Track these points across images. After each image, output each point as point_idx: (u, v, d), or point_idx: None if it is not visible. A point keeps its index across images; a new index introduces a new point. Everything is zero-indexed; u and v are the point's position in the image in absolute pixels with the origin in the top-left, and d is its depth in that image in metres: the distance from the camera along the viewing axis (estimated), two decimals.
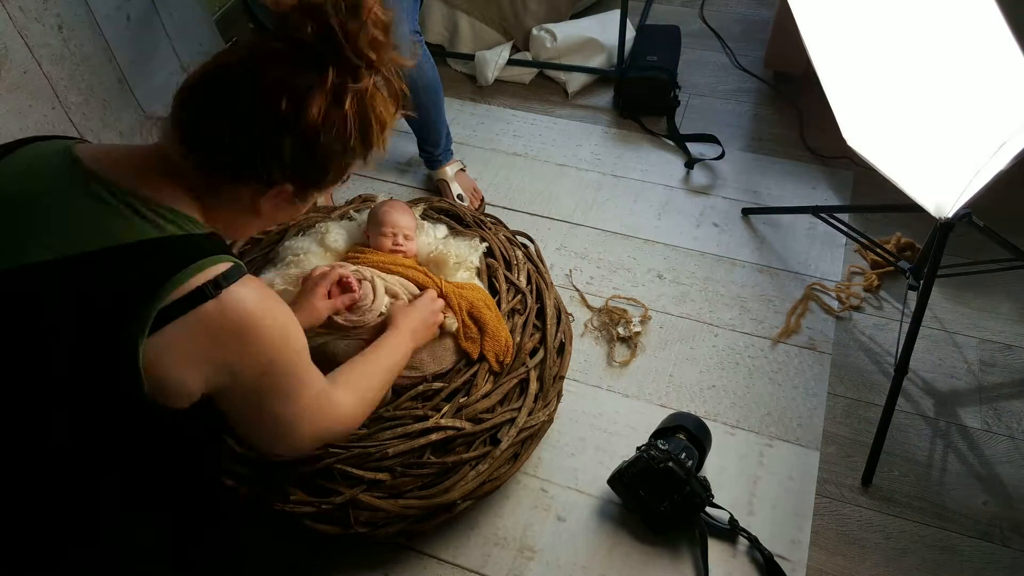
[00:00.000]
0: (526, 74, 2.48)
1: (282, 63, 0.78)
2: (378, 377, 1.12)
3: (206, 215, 0.85)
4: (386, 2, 1.81)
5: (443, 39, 2.54)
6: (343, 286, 1.30)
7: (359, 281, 1.31)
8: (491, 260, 1.55)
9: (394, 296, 1.36)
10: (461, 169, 2.08)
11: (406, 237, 1.47)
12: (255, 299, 0.81)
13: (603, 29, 2.43)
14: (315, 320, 1.23)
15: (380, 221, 1.48)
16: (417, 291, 1.38)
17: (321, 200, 1.99)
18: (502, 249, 1.57)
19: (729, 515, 1.38)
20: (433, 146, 2.01)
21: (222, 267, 0.79)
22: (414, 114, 1.88)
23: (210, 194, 0.84)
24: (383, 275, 1.37)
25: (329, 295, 1.29)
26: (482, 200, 2.06)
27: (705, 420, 1.48)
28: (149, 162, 0.82)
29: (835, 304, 1.77)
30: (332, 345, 1.30)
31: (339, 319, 1.29)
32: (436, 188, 2.07)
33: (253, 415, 0.88)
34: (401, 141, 2.27)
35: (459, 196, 2.01)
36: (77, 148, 0.83)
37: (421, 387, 1.33)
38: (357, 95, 0.81)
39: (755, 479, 1.47)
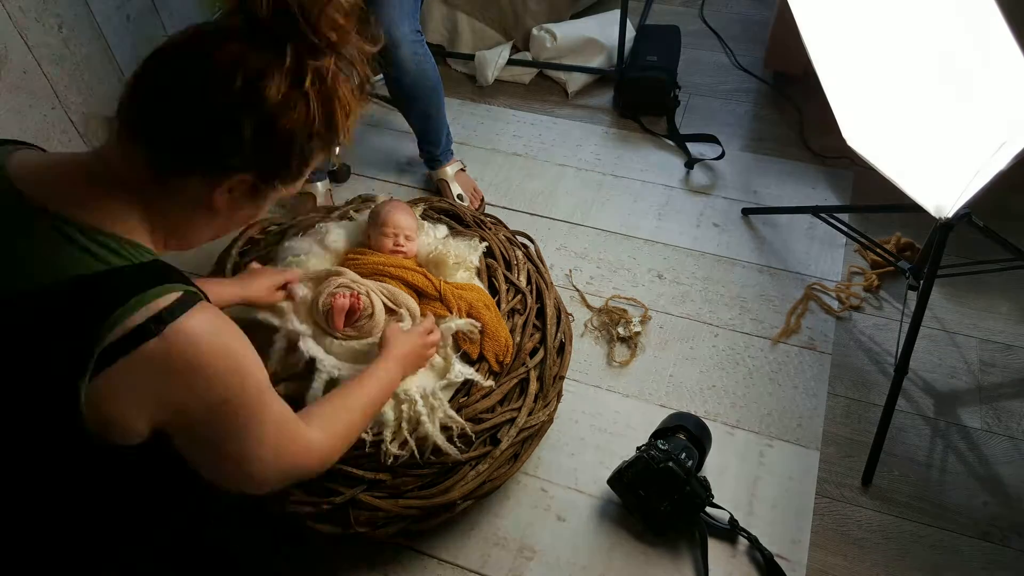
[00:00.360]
0: (526, 74, 2.48)
1: (237, 41, 0.74)
2: (360, 411, 1.05)
3: (155, 223, 0.79)
4: (387, 3, 1.82)
5: (443, 39, 2.54)
6: (350, 309, 1.30)
7: (356, 296, 1.31)
8: (491, 260, 1.55)
9: (394, 308, 1.35)
10: (461, 169, 2.08)
11: (407, 238, 1.47)
12: (204, 333, 0.75)
13: (603, 29, 2.43)
14: (241, 298, 1.20)
15: (382, 221, 1.48)
16: (414, 304, 1.38)
17: (321, 200, 1.99)
18: (502, 249, 1.57)
19: (729, 515, 1.38)
20: (434, 146, 2.01)
21: (168, 299, 0.73)
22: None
23: (159, 195, 0.78)
24: (381, 285, 1.37)
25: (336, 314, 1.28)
26: (482, 200, 2.06)
27: (705, 420, 1.48)
28: (89, 175, 0.76)
29: (835, 304, 1.77)
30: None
31: (339, 335, 1.30)
32: (436, 188, 2.07)
33: (211, 455, 0.83)
34: (401, 141, 2.27)
35: (459, 196, 2.01)
36: (10, 162, 0.77)
37: None
38: (318, 76, 0.77)
39: (755, 479, 1.47)
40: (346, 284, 1.33)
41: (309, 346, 1.26)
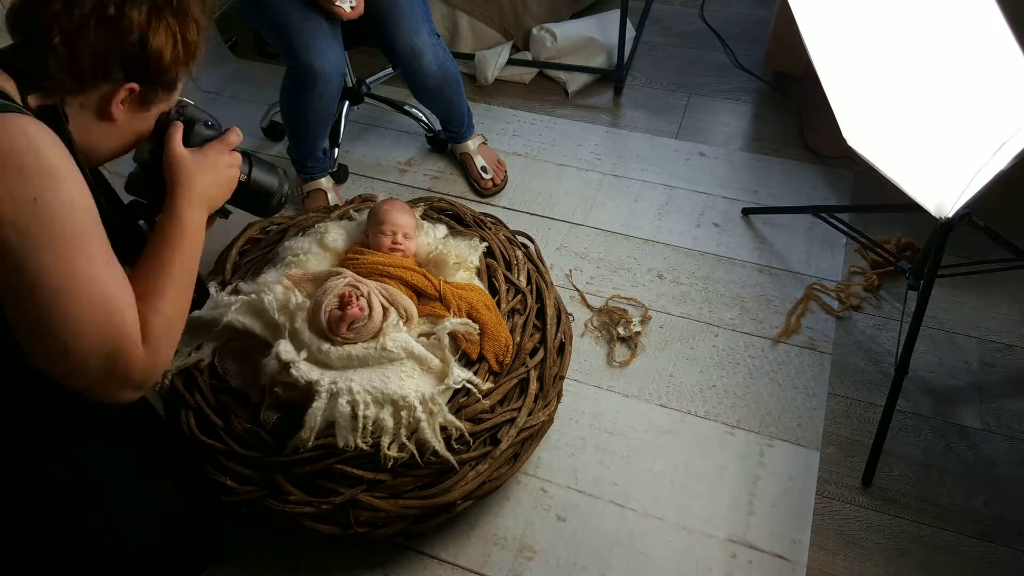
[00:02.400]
0: (526, 74, 2.48)
1: None
2: (187, 285, 0.97)
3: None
4: (401, 11, 1.85)
5: (443, 39, 2.53)
6: (346, 307, 1.30)
7: (357, 297, 1.31)
8: (491, 260, 1.55)
9: (390, 307, 1.35)
10: (483, 143, 2.11)
11: (405, 236, 1.47)
12: (23, 132, 0.80)
13: (603, 29, 2.43)
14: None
15: (380, 220, 1.48)
16: (411, 305, 1.37)
17: (330, 195, 2.00)
18: (502, 249, 1.57)
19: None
20: (458, 127, 2.08)
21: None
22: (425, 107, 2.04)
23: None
24: (379, 285, 1.37)
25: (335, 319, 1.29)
26: (505, 173, 2.08)
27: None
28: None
29: (835, 304, 1.77)
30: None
31: (338, 339, 1.30)
32: (460, 161, 2.10)
33: (25, 293, 0.79)
34: (401, 141, 2.27)
35: (483, 168, 2.07)
36: None
37: None
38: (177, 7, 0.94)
39: (755, 479, 1.47)
40: (352, 284, 1.33)
41: (302, 371, 1.26)
